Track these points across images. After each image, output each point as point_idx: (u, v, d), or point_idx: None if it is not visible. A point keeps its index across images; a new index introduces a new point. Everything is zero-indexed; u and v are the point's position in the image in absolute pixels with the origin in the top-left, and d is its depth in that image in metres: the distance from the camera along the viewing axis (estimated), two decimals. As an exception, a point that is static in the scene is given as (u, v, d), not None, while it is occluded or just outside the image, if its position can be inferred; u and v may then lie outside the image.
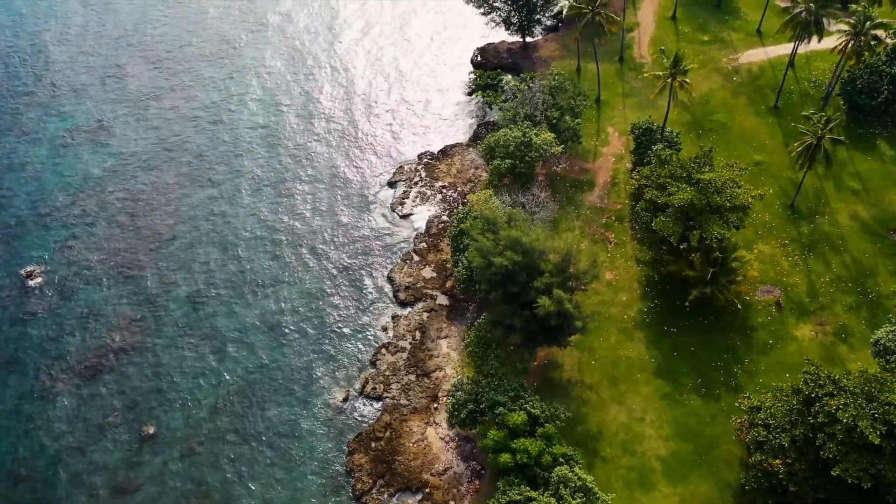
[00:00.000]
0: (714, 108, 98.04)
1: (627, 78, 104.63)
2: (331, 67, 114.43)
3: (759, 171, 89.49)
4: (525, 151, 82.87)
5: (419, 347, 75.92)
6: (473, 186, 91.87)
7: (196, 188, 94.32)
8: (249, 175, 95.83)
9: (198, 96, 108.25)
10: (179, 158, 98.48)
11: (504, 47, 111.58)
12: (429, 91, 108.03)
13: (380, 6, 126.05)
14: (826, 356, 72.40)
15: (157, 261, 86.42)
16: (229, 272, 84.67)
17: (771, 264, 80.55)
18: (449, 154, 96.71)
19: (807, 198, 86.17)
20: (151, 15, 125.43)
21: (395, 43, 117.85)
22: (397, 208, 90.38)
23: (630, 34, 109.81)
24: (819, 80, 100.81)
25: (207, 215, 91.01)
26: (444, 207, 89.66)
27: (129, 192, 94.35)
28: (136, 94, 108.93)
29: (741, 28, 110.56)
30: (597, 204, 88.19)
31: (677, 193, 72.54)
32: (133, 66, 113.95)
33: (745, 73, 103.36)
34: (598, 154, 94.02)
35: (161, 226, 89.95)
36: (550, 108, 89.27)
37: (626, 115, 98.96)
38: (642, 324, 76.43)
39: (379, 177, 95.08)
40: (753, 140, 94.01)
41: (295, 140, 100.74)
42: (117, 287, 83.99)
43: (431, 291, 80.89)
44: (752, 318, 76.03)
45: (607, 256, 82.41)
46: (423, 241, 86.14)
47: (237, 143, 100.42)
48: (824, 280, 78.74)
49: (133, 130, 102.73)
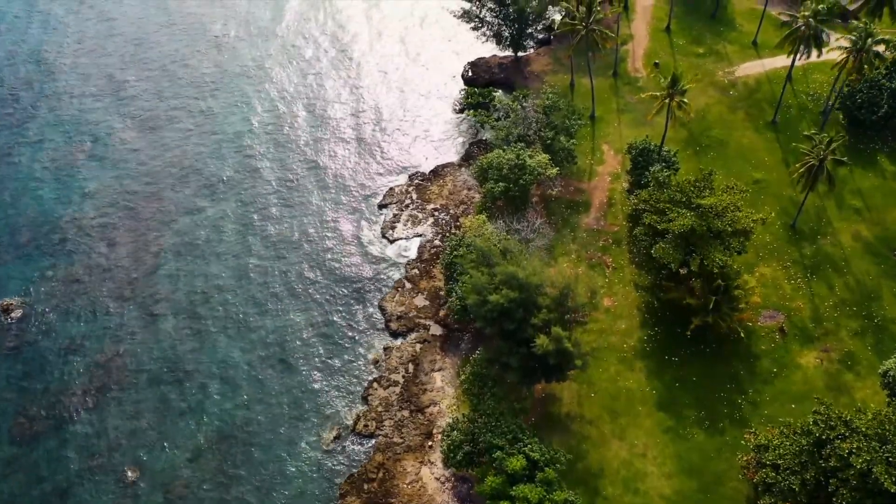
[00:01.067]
0: (711, 124, 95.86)
1: (622, 93, 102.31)
2: (317, 85, 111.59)
3: (758, 190, 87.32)
4: (519, 174, 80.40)
5: (412, 381, 73.28)
6: (466, 208, 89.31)
7: (180, 214, 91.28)
8: (235, 201, 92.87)
9: (181, 119, 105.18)
10: (162, 183, 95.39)
11: (495, 62, 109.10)
12: (419, 108, 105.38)
13: (365, 22, 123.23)
14: (832, 385, 70.27)
15: (139, 292, 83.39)
16: (213, 303, 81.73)
17: (773, 288, 78.34)
18: (440, 174, 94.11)
19: (808, 217, 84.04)
20: (142, 33, 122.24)
21: (382, 59, 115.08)
22: (388, 232, 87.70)
23: (624, 47, 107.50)
24: (817, 94, 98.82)
25: (191, 242, 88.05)
26: (436, 231, 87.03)
27: (111, 218, 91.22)
28: (119, 116, 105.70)
29: (736, 40, 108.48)
30: (593, 226, 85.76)
31: (677, 219, 70.21)
32: (117, 88, 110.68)
33: (742, 87, 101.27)
34: (593, 173, 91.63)
35: (144, 254, 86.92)
36: (544, 127, 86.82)
37: (622, 132, 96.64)
38: (642, 353, 74.05)
39: (369, 199, 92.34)
40: (752, 157, 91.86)
41: (282, 164, 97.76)
42: (98, 320, 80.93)
43: (424, 321, 78.25)
44: (755, 345, 73.80)
45: (605, 282, 80.00)
46: (414, 267, 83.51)
47: (223, 168, 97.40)
48: (828, 304, 76.59)
49: (115, 154, 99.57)
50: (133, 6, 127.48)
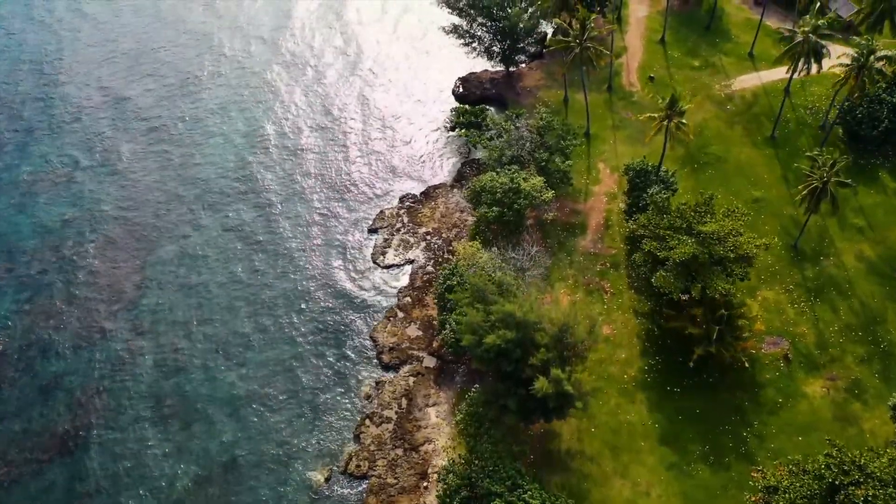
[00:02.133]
0: (708, 140, 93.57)
1: (617, 108, 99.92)
2: (304, 105, 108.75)
3: (758, 209, 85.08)
4: (513, 199, 77.88)
5: (406, 417, 70.59)
6: (459, 232, 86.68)
7: (163, 241, 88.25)
8: (220, 227, 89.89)
9: (163, 141, 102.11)
10: (144, 209, 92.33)
11: (487, 77, 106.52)
12: (408, 127, 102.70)
13: (352, 40, 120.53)
14: (839, 415, 68.06)
15: (121, 325, 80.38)
16: (198, 337, 78.77)
17: (776, 312, 76.07)
18: (432, 196, 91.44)
19: (810, 237, 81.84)
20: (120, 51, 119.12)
21: (370, 77, 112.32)
22: (379, 258, 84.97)
23: (618, 60, 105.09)
24: (816, 107, 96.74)
25: (175, 272, 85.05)
26: (428, 256, 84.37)
27: (92, 247, 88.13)
28: (100, 138, 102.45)
29: (732, 51, 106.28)
30: (590, 249, 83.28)
31: (678, 247, 67.86)
32: (95, 110, 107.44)
33: (739, 101, 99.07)
34: (589, 193, 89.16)
35: (126, 285, 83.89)
36: (538, 148, 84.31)
37: (617, 150, 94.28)
38: (643, 384, 71.62)
39: (359, 224, 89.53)
40: (751, 174, 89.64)
41: (268, 189, 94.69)
42: (79, 356, 77.91)
43: (417, 352, 75.59)
44: (759, 373, 71.50)
45: (603, 308, 77.52)
46: (407, 294, 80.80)
47: (208, 192, 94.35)
48: (833, 329, 74.40)
49: (96, 178, 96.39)
50: (114, 21, 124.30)
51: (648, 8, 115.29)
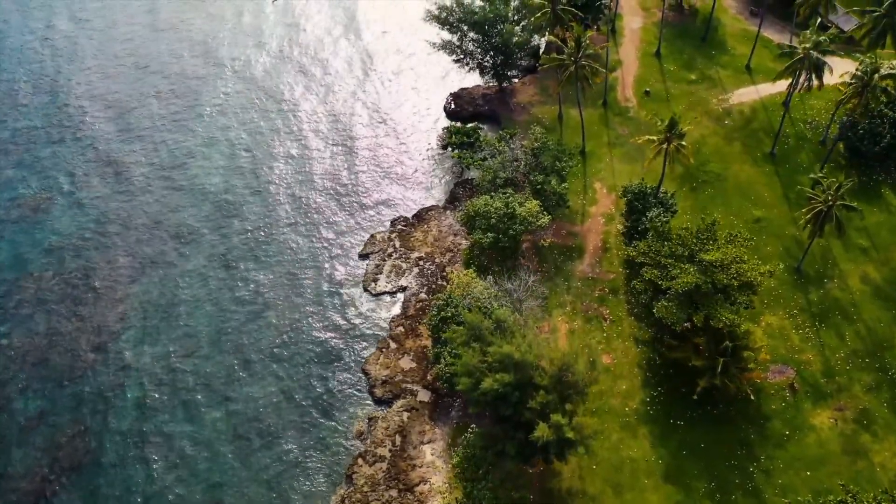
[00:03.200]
0: (707, 157, 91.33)
1: (613, 124, 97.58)
2: (292, 123, 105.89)
3: (759, 230, 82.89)
4: (508, 224, 75.38)
5: (400, 455, 67.89)
6: (453, 256, 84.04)
7: (146, 270, 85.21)
8: (206, 255, 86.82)
9: (148, 164, 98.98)
10: (128, 235, 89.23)
11: (479, 92, 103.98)
12: (399, 146, 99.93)
13: (342, 55, 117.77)
14: (848, 448, 65.84)
15: (102, 360, 77.32)
16: (182, 371, 75.84)
17: (780, 339, 73.83)
18: (424, 219, 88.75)
19: (813, 258, 79.67)
20: (99, 70, 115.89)
21: (360, 94, 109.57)
22: (370, 285, 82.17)
23: (612, 74, 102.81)
24: (816, 121, 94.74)
25: (158, 302, 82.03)
26: (421, 283, 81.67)
27: (74, 276, 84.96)
28: (82, 160, 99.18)
29: (729, 64, 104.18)
30: (588, 274, 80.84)
31: (680, 276, 65.55)
32: (77, 130, 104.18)
33: (737, 116, 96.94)
34: (585, 215, 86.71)
35: (107, 317, 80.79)
36: (533, 169, 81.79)
37: (614, 168, 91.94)
38: (646, 416, 69.20)
39: (349, 249, 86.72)
40: (751, 192, 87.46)
41: (255, 214, 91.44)
42: (58, 393, 74.80)
43: (411, 385, 72.90)
44: (765, 404, 69.22)
45: (603, 337, 75.11)
46: (399, 324, 78.10)
47: (192, 218, 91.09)
48: (839, 356, 72.23)
49: (77, 203, 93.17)
50: (99, 31, 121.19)
51: (643, 19, 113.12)
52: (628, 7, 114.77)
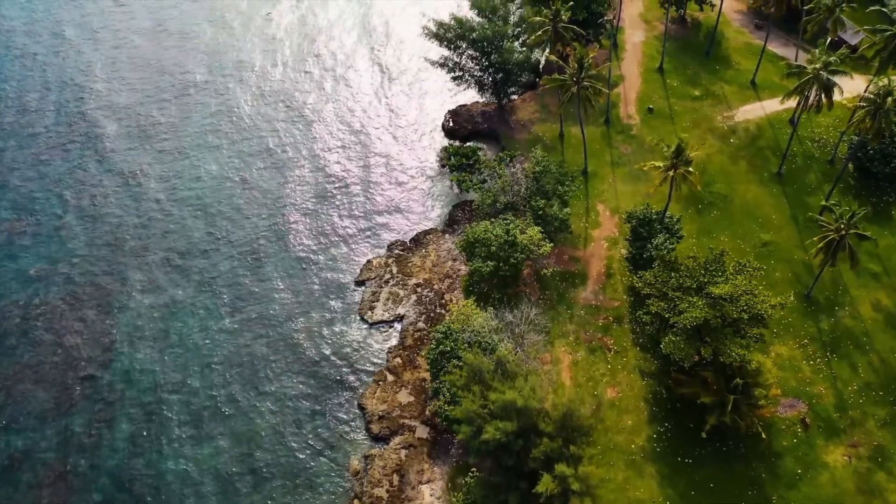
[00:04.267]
0: (712, 177, 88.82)
1: (615, 143, 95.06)
2: (284, 143, 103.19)
3: (767, 254, 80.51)
4: (509, 252, 72.81)
5: (397, 496, 65.34)
6: (452, 283, 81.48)
7: (135, 298, 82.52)
8: (196, 281, 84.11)
9: (136, 183, 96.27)
10: (116, 261, 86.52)
11: (478, 109, 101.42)
12: (396, 166, 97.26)
13: (334, 71, 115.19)
14: (863, 487, 63.50)
15: (90, 393, 74.69)
16: (171, 406, 73.21)
17: (791, 370, 71.40)
18: (422, 243, 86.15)
19: (823, 284, 77.25)
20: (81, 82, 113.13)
21: (355, 110, 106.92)
22: (367, 314, 79.53)
23: (615, 90, 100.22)
24: (823, 140, 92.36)
25: (147, 331, 79.36)
26: (419, 311, 79.07)
27: (58, 305, 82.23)
28: (71, 184, 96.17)
29: (734, 79, 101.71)
30: (591, 301, 78.31)
31: (688, 310, 63.02)
32: (63, 151, 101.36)
33: (743, 133, 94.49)
34: (588, 238, 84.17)
35: (95, 347, 78.14)
36: (534, 193, 79.24)
37: (617, 189, 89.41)
38: (653, 454, 66.70)
39: (344, 276, 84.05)
40: (758, 214, 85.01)
41: (247, 237, 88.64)
42: (45, 430, 72.12)
43: (409, 421, 70.33)
44: (776, 441, 66.78)
45: (607, 368, 72.65)
46: (397, 354, 75.53)
47: (181, 240, 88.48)
48: (852, 388, 69.84)
49: (62, 226, 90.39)
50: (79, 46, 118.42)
51: (644, 33, 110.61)
52: (630, 20, 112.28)
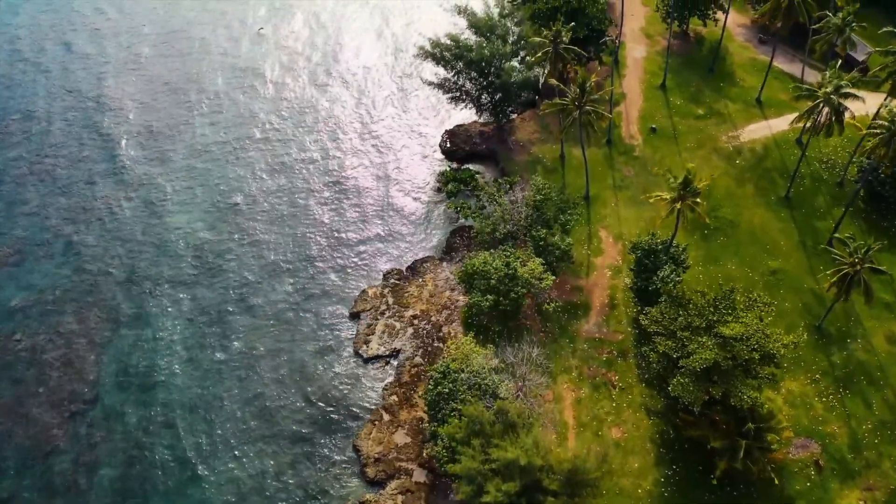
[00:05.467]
0: (718, 201, 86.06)
1: (617, 164, 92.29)
2: (275, 165, 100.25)
3: (776, 283, 77.85)
4: (510, 286, 69.99)
5: (395, 546, 62.48)
6: (450, 314, 78.63)
7: (121, 332, 79.51)
8: (183, 313, 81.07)
9: (123, 206, 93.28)
10: (101, 289, 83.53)
11: (476, 129, 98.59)
12: (392, 189, 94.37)
13: (332, 90, 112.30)
14: (881, 534, 60.71)
15: (73, 434, 71.70)
16: (157, 448, 70.25)
17: (803, 408, 68.71)
18: (419, 272, 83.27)
19: (834, 315, 74.54)
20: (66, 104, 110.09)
21: (349, 130, 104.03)
22: (362, 348, 76.62)
23: (616, 109, 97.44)
24: (832, 160, 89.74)
25: (134, 367, 76.42)
26: (416, 345, 76.21)
27: (41, 339, 79.22)
28: (53, 210, 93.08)
29: (738, 97, 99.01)
30: (594, 334, 75.53)
31: (698, 352, 60.23)
32: (45, 172, 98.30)
33: (749, 154, 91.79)
34: (591, 267, 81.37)
35: (80, 385, 75.18)
36: (535, 223, 76.43)
37: (620, 213, 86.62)
38: (661, 499, 63.99)
39: (338, 307, 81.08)
40: (766, 240, 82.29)
41: (235, 265, 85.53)
42: (26, 474, 69.20)
43: (406, 464, 67.47)
44: (788, 484, 64.10)
45: (612, 406, 69.89)
46: (393, 392, 72.66)
47: (169, 273, 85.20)
48: (867, 426, 67.16)
49: (47, 257, 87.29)
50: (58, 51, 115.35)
51: (646, 48, 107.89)
52: (631, 35, 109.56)
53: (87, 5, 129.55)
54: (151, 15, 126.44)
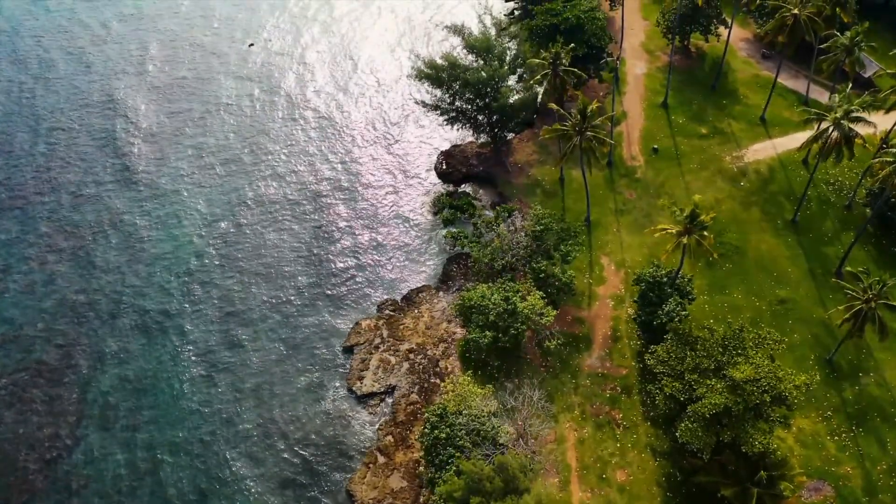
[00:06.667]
0: (724, 226, 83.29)
1: (619, 187, 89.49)
2: (267, 185, 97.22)
3: (784, 313, 75.23)
4: (509, 321, 67.13)
5: None
6: (447, 348, 75.71)
7: (105, 369, 76.37)
8: (172, 348, 77.91)
9: (109, 236, 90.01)
10: (85, 324, 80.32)
11: (472, 150, 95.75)
12: (386, 214, 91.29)
13: (316, 109, 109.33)
14: (898, 585, 58.02)
15: (52, 481, 68.49)
16: (142, 494, 67.12)
17: (815, 448, 65.98)
18: (415, 302, 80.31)
19: (845, 348, 71.84)
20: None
21: (340, 152, 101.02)
22: (356, 385, 73.64)
23: (617, 129, 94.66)
24: (839, 182, 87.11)
25: (117, 406, 73.23)
26: (412, 381, 73.27)
27: (21, 377, 76.00)
28: (35, 237, 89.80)
29: (742, 115, 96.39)
30: (597, 369, 72.72)
31: (707, 396, 57.55)
32: (37, 198, 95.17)
33: (754, 176, 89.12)
34: (593, 297, 78.55)
35: (60, 427, 71.97)
36: (534, 253, 73.58)
37: (622, 239, 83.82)
38: (668, 548, 61.19)
39: (331, 341, 78.03)
40: (773, 268, 79.61)
41: (224, 296, 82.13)
42: (2, 523, 66.05)
43: (402, 511, 64.49)
44: (801, 531, 61.28)
45: (616, 447, 67.03)
46: (388, 432, 69.70)
47: (156, 305, 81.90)
48: (881, 468, 64.51)
49: (28, 289, 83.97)
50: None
51: (647, 64, 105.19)
52: (631, 50, 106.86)
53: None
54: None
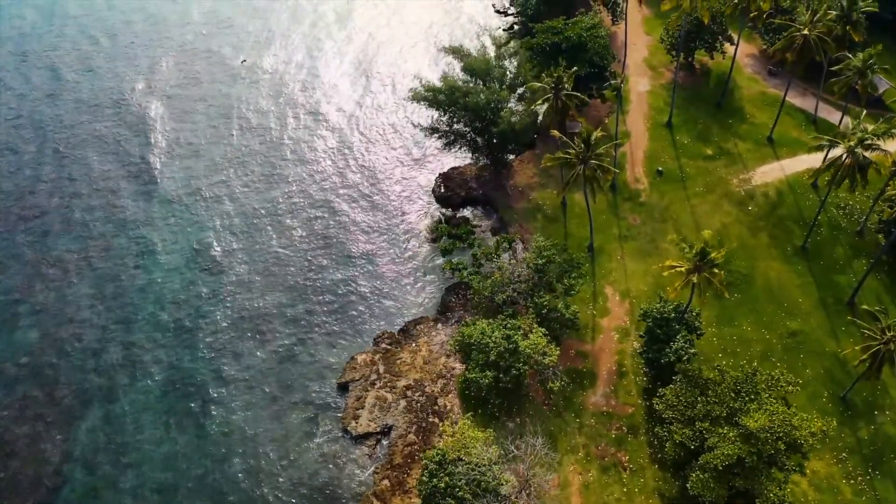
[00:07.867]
0: (731, 253, 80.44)
1: (622, 212, 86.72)
2: (260, 210, 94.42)
3: (795, 346, 72.52)
4: (510, 361, 64.38)
5: None
6: (446, 384, 72.91)
7: (91, 407, 73.50)
8: (161, 384, 74.98)
9: (96, 265, 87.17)
10: (69, 359, 77.46)
11: (471, 173, 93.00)
12: (381, 240, 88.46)
13: (309, 128, 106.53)
14: None
15: (36, 527, 65.66)
16: (131, 543, 64.42)
17: (830, 492, 63.24)
18: (412, 335, 77.53)
19: (860, 385, 69.02)
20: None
21: (333, 174, 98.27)
22: (350, 425, 70.75)
23: (620, 150, 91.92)
24: (849, 206, 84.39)
25: (102, 450, 70.29)
26: (410, 420, 70.44)
27: (7, 416, 73.12)
28: (19, 266, 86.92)
29: (749, 135, 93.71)
30: (602, 407, 69.98)
31: (719, 446, 54.86)
32: (25, 223, 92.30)
33: (762, 199, 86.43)
34: (596, 329, 75.80)
35: (45, 466, 69.09)
36: (536, 286, 70.81)
37: (626, 267, 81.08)
38: None
39: (325, 377, 75.20)
40: (783, 297, 76.91)
41: (214, 328, 79.14)
42: (-18, 574, 63.15)
43: (400, 562, 61.72)
44: (818, 583, 58.59)
45: (623, 492, 64.26)
46: (385, 475, 66.88)
47: (143, 337, 78.78)
48: (900, 514, 61.76)
49: (9, 322, 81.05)
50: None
51: (650, 81, 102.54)
52: (634, 66, 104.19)
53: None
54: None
